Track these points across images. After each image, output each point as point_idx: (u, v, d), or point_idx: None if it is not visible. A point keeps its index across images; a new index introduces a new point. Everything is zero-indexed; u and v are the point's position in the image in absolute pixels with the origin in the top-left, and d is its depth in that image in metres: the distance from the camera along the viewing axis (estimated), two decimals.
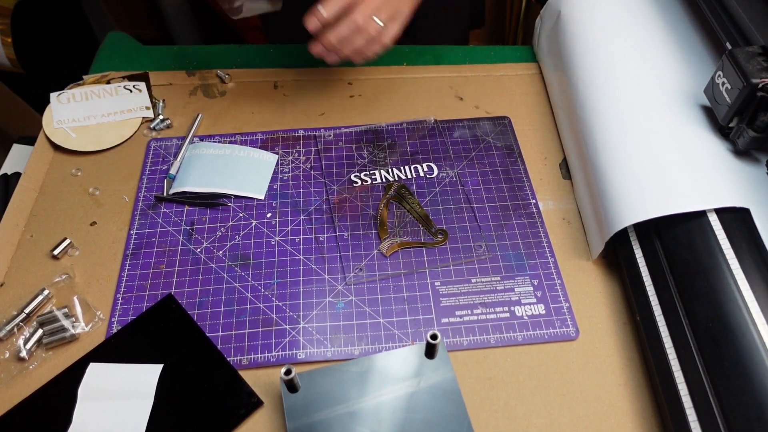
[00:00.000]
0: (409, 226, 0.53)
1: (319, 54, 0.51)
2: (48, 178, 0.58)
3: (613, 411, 0.44)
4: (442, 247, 0.52)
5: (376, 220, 0.53)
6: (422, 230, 0.53)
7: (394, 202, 0.55)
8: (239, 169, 0.58)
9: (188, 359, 0.46)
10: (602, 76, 0.55)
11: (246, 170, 0.58)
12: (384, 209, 0.54)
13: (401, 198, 0.55)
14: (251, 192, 0.56)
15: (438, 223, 0.54)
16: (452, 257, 0.52)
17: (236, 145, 0.60)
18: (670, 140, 0.48)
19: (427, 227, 0.53)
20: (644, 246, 0.48)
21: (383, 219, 0.54)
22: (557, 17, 0.64)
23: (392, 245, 0.52)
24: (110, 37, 0.74)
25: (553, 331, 0.48)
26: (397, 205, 0.55)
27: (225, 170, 0.57)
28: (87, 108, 0.63)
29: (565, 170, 0.59)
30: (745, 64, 0.44)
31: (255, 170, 0.58)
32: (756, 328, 0.38)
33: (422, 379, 0.43)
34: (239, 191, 0.56)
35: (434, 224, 0.54)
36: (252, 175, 0.58)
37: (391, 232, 0.53)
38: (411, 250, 0.52)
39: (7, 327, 0.47)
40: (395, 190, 0.55)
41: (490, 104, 0.65)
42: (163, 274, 0.51)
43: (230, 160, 0.58)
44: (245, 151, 0.59)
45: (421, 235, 0.53)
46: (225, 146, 0.60)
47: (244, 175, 0.57)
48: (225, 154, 0.59)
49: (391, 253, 0.52)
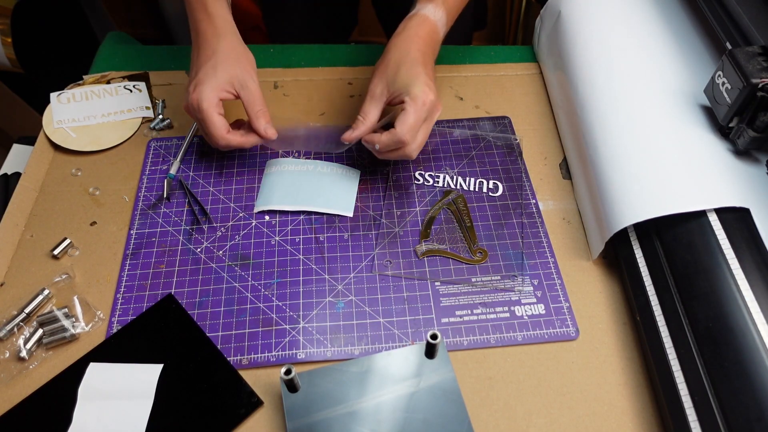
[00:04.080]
0: (448, 235, 0.53)
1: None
2: (48, 178, 0.58)
3: (613, 411, 0.44)
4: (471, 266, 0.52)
5: (421, 223, 0.53)
6: (464, 245, 0.52)
7: (447, 209, 0.54)
8: (324, 185, 0.56)
9: (188, 359, 0.46)
10: (602, 76, 0.55)
11: (331, 186, 0.56)
12: (435, 213, 0.54)
13: (455, 208, 0.54)
14: (340, 209, 0.55)
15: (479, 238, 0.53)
16: (482, 278, 0.51)
17: (318, 161, 0.59)
18: (670, 140, 0.48)
19: (469, 243, 0.52)
20: (644, 246, 0.48)
21: (430, 221, 0.53)
22: (557, 17, 0.64)
23: (429, 250, 0.52)
24: (110, 37, 0.74)
25: (553, 331, 0.48)
26: (446, 213, 0.55)
27: (310, 187, 0.56)
28: (87, 108, 0.63)
29: (565, 170, 0.59)
30: (745, 64, 0.44)
31: (340, 186, 0.57)
32: (756, 328, 0.38)
33: (422, 379, 0.43)
34: (327, 209, 0.55)
35: (477, 241, 0.53)
36: (338, 191, 0.56)
37: (432, 237, 0.53)
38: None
39: (7, 327, 0.47)
40: (452, 199, 0.55)
41: (490, 104, 0.65)
42: (163, 274, 0.51)
43: (314, 176, 0.57)
44: (329, 167, 0.58)
45: (460, 249, 0.52)
46: (307, 162, 0.58)
47: (331, 192, 0.56)
48: (308, 170, 0.58)
49: (425, 257, 0.52)
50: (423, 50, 0.53)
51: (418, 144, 0.51)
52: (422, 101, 0.49)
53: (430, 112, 0.51)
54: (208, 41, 0.53)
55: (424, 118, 0.50)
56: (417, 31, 0.53)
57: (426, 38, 0.53)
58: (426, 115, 0.50)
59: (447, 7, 0.55)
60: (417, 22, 0.54)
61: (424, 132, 0.52)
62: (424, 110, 0.50)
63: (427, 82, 0.50)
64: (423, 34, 0.53)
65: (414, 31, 0.53)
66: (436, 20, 0.54)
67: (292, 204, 0.55)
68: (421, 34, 0.53)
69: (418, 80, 0.50)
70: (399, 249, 0.53)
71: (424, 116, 0.50)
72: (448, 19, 0.56)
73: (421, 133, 0.51)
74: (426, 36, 0.53)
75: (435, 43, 0.55)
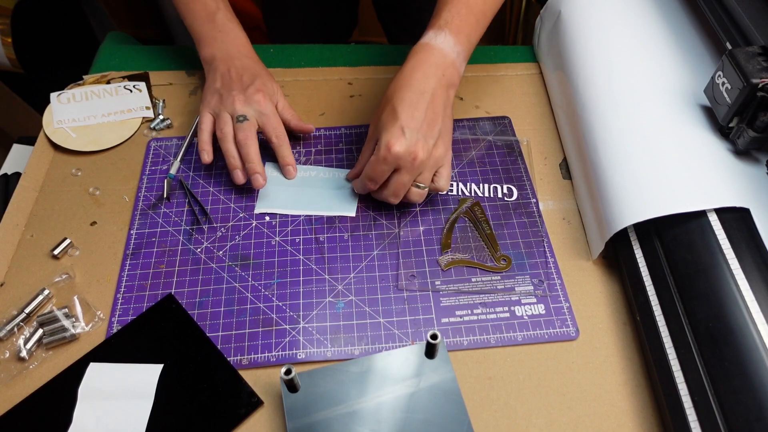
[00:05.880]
0: (470, 243, 0.52)
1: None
2: (48, 178, 0.58)
3: (613, 411, 0.44)
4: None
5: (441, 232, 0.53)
6: (487, 253, 0.52)
7: (465, 218, 0.54)
8: (327, 189, 0.57)
9: (188, 359, 0.46)
10: (602, 76, 0.55)
11: (334, 190, 0.57)
12: (454, 222, 0.54)
13: (473, 216, 0.54)
14: (343, 211, 0.55)
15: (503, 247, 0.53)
16: (505, 285, 0.50)
17: (320, 167, 0.59)
18: (670, 140, 0.48)
19: (492, 251, 0.52)
20: (644, 246, 0.48)
21: (450, 231, 0.53)
22: (557, 17, 0.64)
23: (452, 260, 0.51)
24: (110, 37, 0.74)
25: (553, 331, 0.48)
26: (465, 222, 0.54)
27: (312, 192, 0.57)
28: (87, 108, 0.63)
29: (565, 170, 0.59)
30: (745, 64, 0.44)
31: (343, 190, 0.57)
32: (756, 328, 0.38)
33: (422, 379, 0.43)
34: (330, 212, 0.55)
35: (500, 249, 0.52)
36: (340, 194, 0.56)
37: (454, 247, 0.52)
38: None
39: (7, 327, 0.47)
40: (468, 207, 0.54)
41: (490, 104, 0.65)
42: (163, 274, 0.51)
43: (316, 182, 0.57)
44: (330, 173, 0.58)
45: (484, 257, 0.52)
46: (309, 168, 0.59)
47: (333, 196, 0.56)
48: (310, 176, 0.58)
49: (449, 268, 0.51)
50: (415, 86, 0.48)
51: (392, 192, 0.50)
52: (383, 152, 0.47)
53: (402, 165, 0.48)
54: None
55: (391, 169, 0.48)
56: (412, 64, 0.49)
57: (424, 69, 0.48)
58: (393, 166, 0.48)
59: (454, 28, 0.50)
60: (413, 53, 0.50)
61: (399, 183, 0.49)
62: (388, 162, 0.47)
63: (401, 129, 0.47)
64: (419, 65, 0.49)
65: (410, 65, 0.49)
66: (437, 45, 0.49)
67: (294, 208, 0.56)
68: (417, 66, 0.49)
69: (387, 127, 0.47)
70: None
71: (388, 167, 0.48)
72: (459, 40, 0.50)
73: (395, 184, 0.49)
74: (423, 66, 0.49)
75: (437, 69, 0.49)
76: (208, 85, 0.58)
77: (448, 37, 0.49)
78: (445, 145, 0.50)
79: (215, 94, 0.56)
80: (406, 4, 0.90)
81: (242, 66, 0.58)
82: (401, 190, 0.50)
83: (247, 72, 0.57)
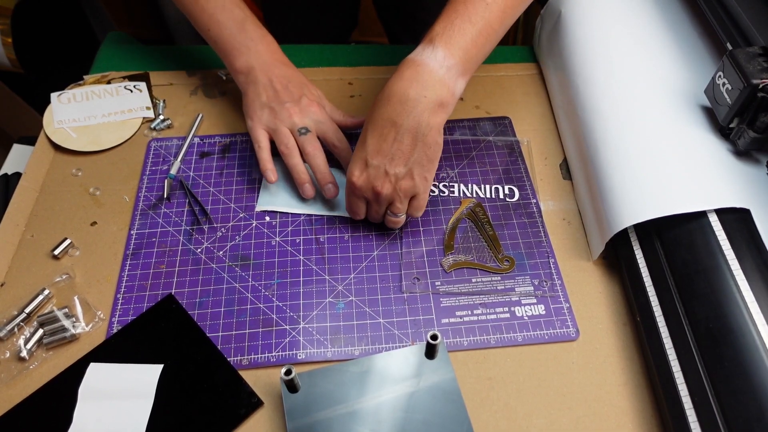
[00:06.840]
0: (472, 244, 0.52)
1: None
2: (48, 178, 0.58)
3: (613, 411, 0.44)
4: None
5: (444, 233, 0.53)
6: (489, 254, 0.52)
7: (466, 219, 0.54)
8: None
9: (188, 359, 0.46)
10: (602, 77, 0.55)
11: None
12: (456, 223, 0.53)
13: (475, 217, 0.54)
14: (343, 211, 0.55)
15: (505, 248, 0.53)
16: (506, 285, 0.50)
17: None
18: (671, 141, 0.48)
19: (495, 252, 0.52)
20: (644, 246, 0.48)
21: (452, 233, 0.53)
22: (558, 17, 0.64)
23: (456, 262, 0.51)
24: (110, 37, 0.74)
25: (553, 331, 0.48)
26: (467, 223, 0.54)
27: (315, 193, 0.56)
28: (87, 108, 0.63)
29: (566, 170, 0.59)
30: (746, 64, 0.44)
31: (343, 190, 0.56)
32: (756, 328, 0.38)
33: (422, 379, 0.43)
34: (330, 212, 0.55)
35: (503, 249, 0.52)
36: (341, 194, 0.56)
37: (456, 248, 0.52)
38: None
39: (7, 327, 0.47)
40: (469, 208, 0.54)
41: (490, 104, 0.65)
42: (163, 274, 0.51)
43: (317, 181, 0.57)
44: (333, 173, 0.58)
45: (486, 258, 0.52)
46: (309, 168, 0.58)
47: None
48: (311, 176, 0.57)
49: (452, 270, 0.51)
50: (389, 113, 0.45)
51: (371, 218, 0.52)
52: (347, 182, 0.49)
53: (366, 197, 0.49)
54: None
55: (360, 198, 0.50)
56: (394, 85, 0.46)
57: (404, 91, 0.45)
58: (361, 197, 0.49)
59: (445, 40, 0.46)
60: (397, 70, 0.47)
61: (373, 210, 0.51)
62: (355, 193, 0.49)
63: (365, 161, 0.47)
64: (399, 86, 0.45)
65: (391, 85, 0.46)
66: (423, 60, 0.46)
67: (296, 208, 0.55)
68: (397, 88, 0.45)
69: (355, 154, 0.48)
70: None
71: (357, 198, 0.50)
72: (451, 53, 0.46)
73: (370, 211, 0.51)
74: (404, 87, 0.45)
75: (421, 89, 0.45)
76: (251, 99, 0.55)
77: (436, 51, 0.45)
78: (421, 175, 0.47)
79: (264, 108, 0.55)
80: (406, 5, 0.90)
81: (283, 75, 0.56)
82: (376, 217, 0.52)
83: (291, 81, 0.56)
